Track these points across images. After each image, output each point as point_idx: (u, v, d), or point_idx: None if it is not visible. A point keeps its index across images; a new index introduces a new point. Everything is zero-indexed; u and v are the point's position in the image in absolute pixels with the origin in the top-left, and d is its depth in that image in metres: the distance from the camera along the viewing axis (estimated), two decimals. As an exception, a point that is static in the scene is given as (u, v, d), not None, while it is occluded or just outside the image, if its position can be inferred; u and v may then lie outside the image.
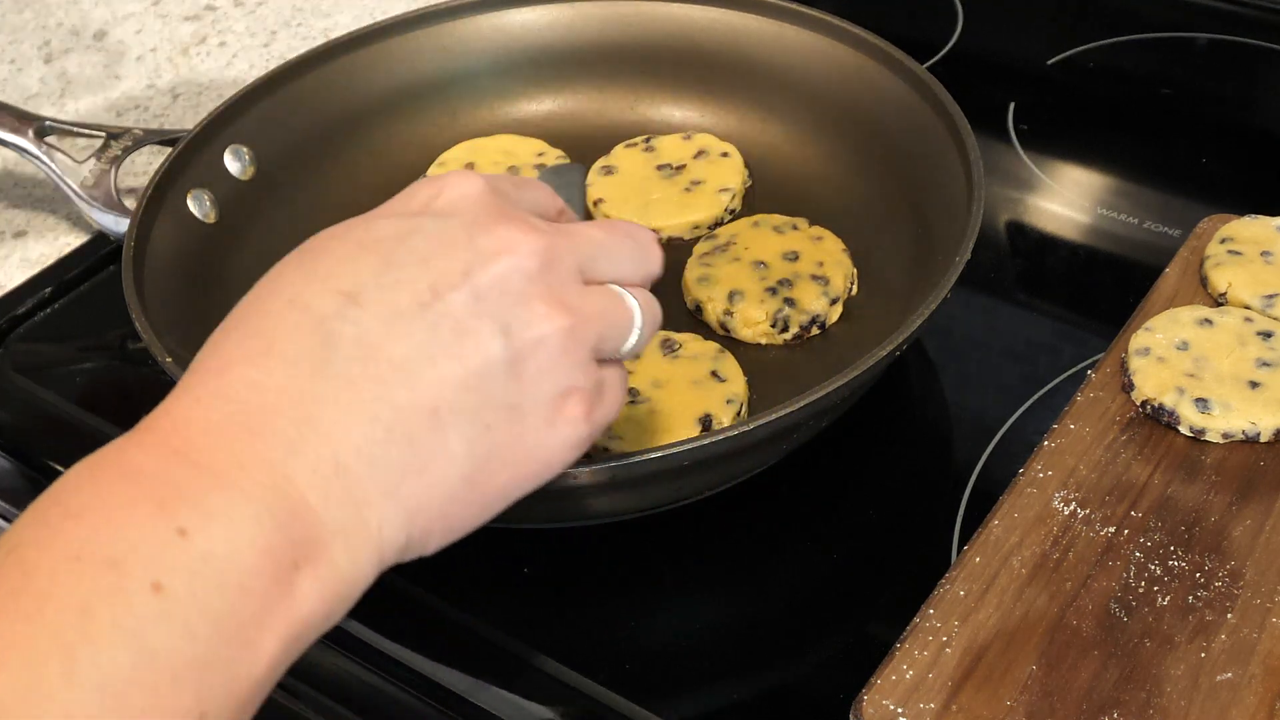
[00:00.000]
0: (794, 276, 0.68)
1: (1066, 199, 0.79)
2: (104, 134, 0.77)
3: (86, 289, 0.77)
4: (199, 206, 0.70)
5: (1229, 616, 0.51)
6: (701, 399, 0.61)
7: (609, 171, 0.76)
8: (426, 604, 0.58)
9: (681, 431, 0.60)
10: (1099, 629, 0.51)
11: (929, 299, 0.56)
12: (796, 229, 0.70)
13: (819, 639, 0.57)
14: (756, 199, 0.75)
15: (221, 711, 0.34)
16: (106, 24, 1.01)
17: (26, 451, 0.68)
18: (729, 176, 0.75)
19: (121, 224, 0.73)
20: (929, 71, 0.71)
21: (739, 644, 0.57)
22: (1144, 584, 0.53)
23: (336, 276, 0.40)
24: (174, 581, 0.33)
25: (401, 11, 0.80)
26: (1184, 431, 0.58)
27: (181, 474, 0.36)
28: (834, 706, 0.52)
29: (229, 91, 0.83)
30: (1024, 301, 0.73)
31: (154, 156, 0.84)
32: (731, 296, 0.67)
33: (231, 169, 0.73)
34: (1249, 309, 0.63)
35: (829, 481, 0.62)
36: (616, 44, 0.81)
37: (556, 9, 0.80)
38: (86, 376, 0.73)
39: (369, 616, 0.57)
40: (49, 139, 0.76)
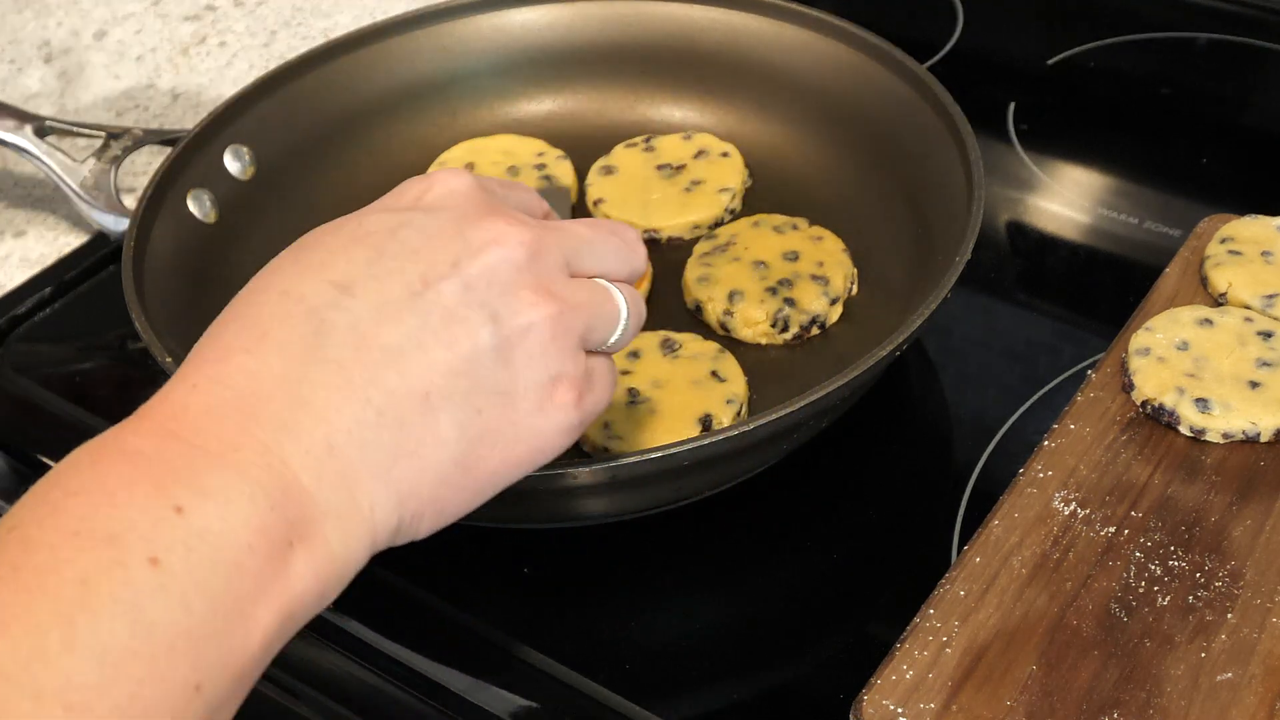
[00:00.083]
0: (794, 276, 0.68)
1: (1066, 199, 0.79)
2: (104, 134, 0.77)
3: (86, 289, 0.77)
4: (199, 206, 0.70)
5: (1229, 616, 0.51)
6: (701, 399, 0.61)
7: (609, 171, 0.76)
8: (426, 604, 0.58)
9: (681, 431, 0.60)
10: (1099, 629, 0.51)
11: (929, 299, 0.57)
12: (796, 229, 0.70)
13: (819, 639, 0.57)
14: (756, 199, 0.75)
15: (217, 684, 0.35)
16: (106, 24, 1.01)
17: (26, 451, 0.68)
18: (729, 176, 0.75)
19: (121, 224, 0.73)
20: (929, 71, 0.71)
21: (739, 644, 0.57)
22: (1144, 584, 0.53)
23: (329, 268, 0.41)
24: (170, 557, 0.34)
25: (401, 11, 0.79)
26: (1184, 431, 0.58)
27: (178, 455, 0.36)
28: (834, 706, 0.52)
29: (229, 91, 0.83)
30: (1024, 301, 0.73)
31: (154, 156, 0.84)
32: (732, 296, 0.67)
33: (231, 169, 0.73)
34: (1249, 309, 0.63)
35: (829, 481, 0.62)
36: (616, 44, 0.81)
37: (556, 9, 0.80)
38: (86, 376, 0.73)
39: (369, 616, 0.57)
40: (49, 138, 0.76)
